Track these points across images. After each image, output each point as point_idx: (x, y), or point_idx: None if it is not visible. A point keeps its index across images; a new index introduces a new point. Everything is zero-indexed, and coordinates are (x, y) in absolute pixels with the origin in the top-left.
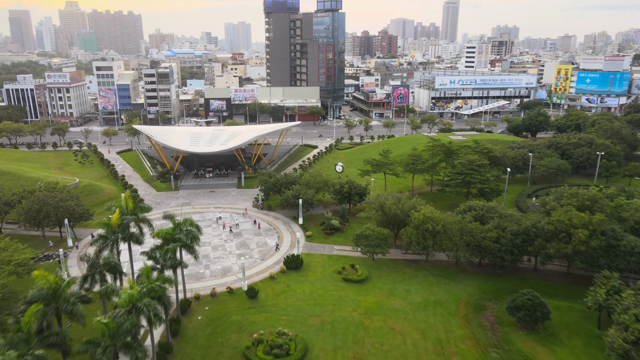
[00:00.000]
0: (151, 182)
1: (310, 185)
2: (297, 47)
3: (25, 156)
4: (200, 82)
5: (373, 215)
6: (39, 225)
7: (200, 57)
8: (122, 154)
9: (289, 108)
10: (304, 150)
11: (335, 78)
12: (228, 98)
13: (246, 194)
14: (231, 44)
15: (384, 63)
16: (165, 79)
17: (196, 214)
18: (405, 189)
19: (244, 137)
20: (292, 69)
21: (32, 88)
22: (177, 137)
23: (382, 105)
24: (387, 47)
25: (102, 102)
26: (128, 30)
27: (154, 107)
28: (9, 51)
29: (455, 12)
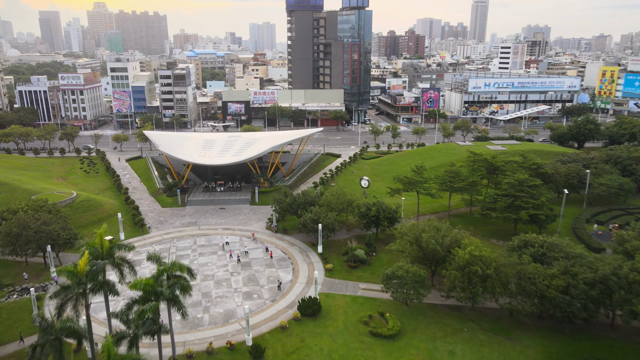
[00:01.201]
0: (157, 195)
1: (332, 207)
2: (320, 48)
3: (30, 163)
4: (220, 84)
5: (407, 250)
6: (18, 253)
7: (222, 58)
8: (132, 162)
9: (310, 112)
10: (325, 160)
11: (360, 80)
12: (247, 101)
13: (260, 212)
14: (255, 44)
15: (411, 64)
16: (181, 80)
17: (202, 236)
18: (440, 208)
19: (260, 147)
20: (315, 71)
21: (45, 90)
22: (187, 144)
23: (411, 110)
24: (414, 47)
25: (116, 105)
26: (153, 30)
27: (169, 110)
28: (38, 52)
29: (485, 11)
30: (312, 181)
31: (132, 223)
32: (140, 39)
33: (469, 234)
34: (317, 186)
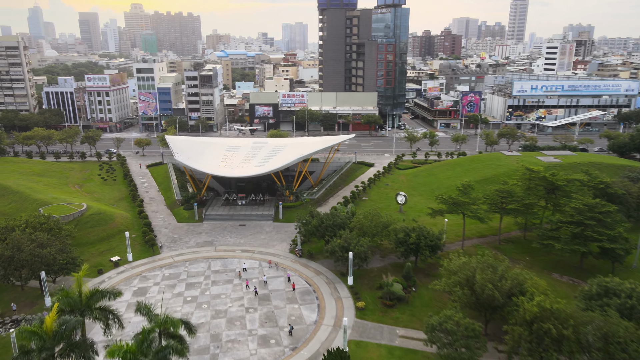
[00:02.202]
0: (174, 208)
1: (365, 231)
2: (353, 48)
3: (48, 169)
4: (249, 85)
5: (455, 293)
6: (9, 279)
7: (252, 58)
8: (152, 168)
9: (342, 116)
10: (357, 169)
11: (395, 82)
12: (275, 104)
13: (283, 231)
14: (287, 44)
15: (449, 65)
16: (208, 82)
17: (218, 259)
18: (488, 231)
19: (286, 156)
20: (347, 72)
21: (71, 91)
22: (209, 151)
23: (449, 114)
24: (450, 47)
25: (141, 107)
26: (187, 31)
27: (195, 113)
28: (76, 52)
29: (524, 10)
30: (342, 195)
31: (143, 241)
32: (174, 40)
33: (529, 269)
34: (348, 202)
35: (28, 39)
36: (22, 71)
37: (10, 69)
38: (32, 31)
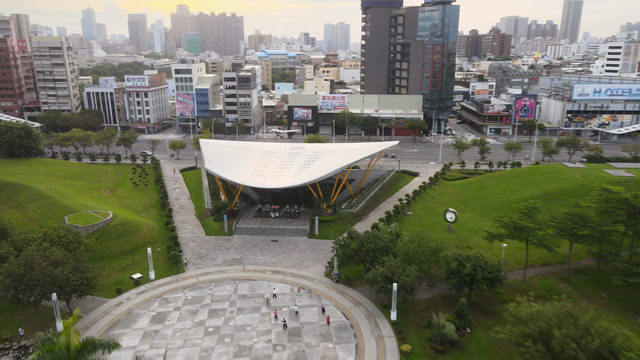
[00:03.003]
0: (204, 218)
1: (411, 257)
2: (397, 48)
3: (81, 172)
4: (289, 86)
5: (527, 351)
6: (19, 299)
7: (293, 58)
8: (186, 173)
9: (384, 120)
10: (400, 179)
11: (442, 85)
12: (314, 106)
13: (319, 249)
14: (329, 44)
15: (499, 66)
16: (246, 83)
17: (245, 281)
18: (553, 258)
19: (325, 165)
20: (390, 74)
21: (111, 92)
22: (243, 157)
23: (500, 119)
24: (499, 47)
25: (179, 108)
26: (230, 31)
27: (232, 115)
28: (125, 52)
29: (578, 8)
30: (384, 209)
31: (168, 256)
32: (217, 40)
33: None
34: (391, 218)
35: (80, 40)
36: (65, 71)
37: (53, 70)
38: (84, 32)
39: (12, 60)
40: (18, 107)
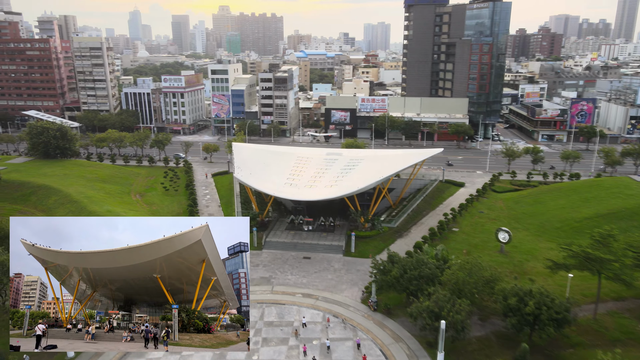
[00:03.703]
0: None
1: (461, 288)
2: (442, 48)
3: (113, 174)
4: (327, 87)
5: None
6: None
7: (332, 59)
8: (217, 178)
9: (426, 124)
10: (444, 190)
11: (490, 87)
12: (353, 109)
13: (355, 269)
14: (369, 44)
15: (552, 67)
16: (282, 84)
17: (273, 305)
18: (627, 292)
19: (363, 175)
20: (434, 75)
21: (148, 92)
22: (276, 163)
23: (554, 125)
24: (549, 47)
25: (215, 109)
26: (270, 32)
27: (268, 117)
28: (167, 52)
29: (634, 6)
30: (428, 224)
31: None
32: (257, 40)
33: None
34: (435, 235)
35: (125, 40)
36: (104, 72)
37: (93, 70)
38: (131, 33)
39: (54, 60)
40: (59, 107)
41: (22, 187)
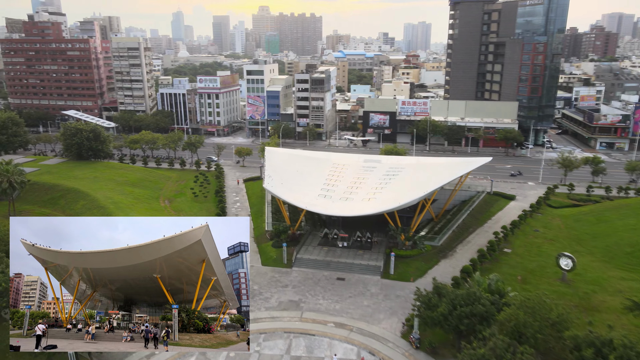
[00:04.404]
0: (262, 242)
1: (521, 331)
2: (490, 48)
3: (144, 178)
4: (365, 88)
5: None
6: None
7: (371, 59)
8: (249, 183)
9: (471, 129)
10: (493, 203)
11: (543, 90)
12: (392, 112)
13: (394, 295)
14: (409, 44)
15: (610, 69)
16: (319, 85)
17: (301, 335)
18: None
19: (406, 187)
20: (480, 77)
21: (184, 93)
22: (309, 171)
23: (614, 132)
24: (602, 47)
25: (249, 111)
26: (308, 32)
27: (303, 119)
28: (208, 53)
29: None
30: (475, 242)
31: None
32: (296, 40)
33: None
34: (485, 257)
35: (168, 41)
36: (141, 72)
37: (130, 70)
38: (173, 34)
39: (93, 60)
40: (97, 107)
41: (51, 190)
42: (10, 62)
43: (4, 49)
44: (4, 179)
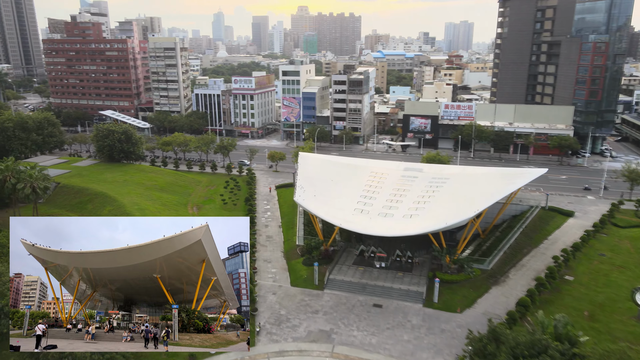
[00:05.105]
0: (292, 258)
1: None
2: (543, 48)
3: (174, 182)
4: (405, 90)
5: None
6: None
7: (411, 59)
8: (281, 190)
9: (520, 135)
10: (548, 220)
11: (603, 94)
12: (435, 116)
13: (438, 329)
14: (449, 44)
15: None
16: (358, 87)
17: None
18: None
19: (453, 202)
20: (531, 79)
21: (218, 94)
22: (345, 182)
23: None
24: None
25: (284, 113)
26: (347, 32)
27: (340, 122)
28: (247, 53)
29: None
30: (531, 267)
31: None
32: (334, 40)
33: None
34: (544, 287)
35: (208, 41)
36: (177, 72)
37: (166, 70)
38: (214, 34)
39: (131, 60)
40: (134, 107)
41: (80, 194)
42: (51, 62)
43: (46, 49)
44: (27, 184)
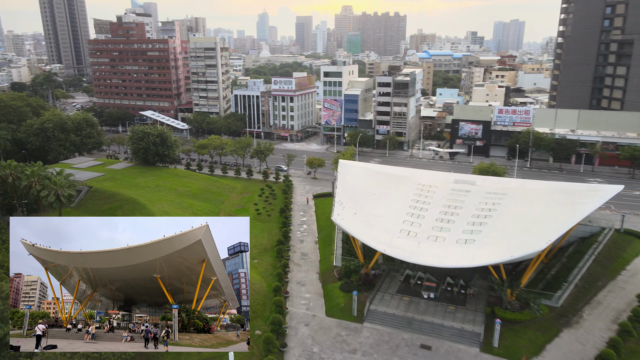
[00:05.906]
0: (328, 281)
1: None
2: (612, 47)
3: (207, 188)
4: (453, 92)
5: None
6: None
7: (459, 60)
8: (319, 200)
9: (585, 144)
10: (625, 246)
11: None
12: (487, 121)
13: None
14: (499, 44)
15: None
16: (403, 90)
17: None
18: None
19: (514, 228)
20: (597, 82)
21: (257, 95)
22: (388, 197)
23: None
24: None
25: (325, 116)
26: (391, 31)
27: (383, 127)
28: (290, 53)
29: None
30: (610, 306)
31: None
32: (378, 40)
33: None
34: (629, 333)
35: (252, 41)
36: (217, 73)
37: (206, 71)
38: (258, 35)
39: (172, 61)
40: (174, 108)
41: (111, 199)
42: (96, 62)
43: (91, 50)
44: (51, 192)
